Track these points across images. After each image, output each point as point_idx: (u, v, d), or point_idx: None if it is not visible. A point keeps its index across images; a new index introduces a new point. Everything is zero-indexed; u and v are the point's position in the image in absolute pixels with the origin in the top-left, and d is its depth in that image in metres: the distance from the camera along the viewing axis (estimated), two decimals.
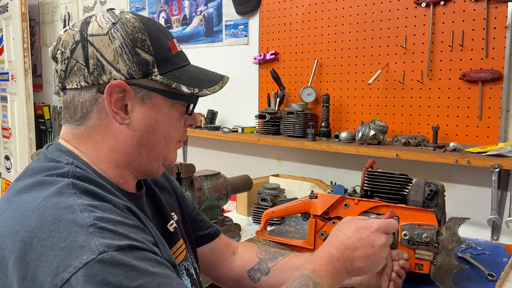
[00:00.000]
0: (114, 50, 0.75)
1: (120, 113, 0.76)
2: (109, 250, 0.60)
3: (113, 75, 0.75)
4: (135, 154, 0.80)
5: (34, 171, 0.73)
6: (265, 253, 1.10)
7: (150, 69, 0.77)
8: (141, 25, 0.78)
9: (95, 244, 0.60)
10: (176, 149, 0.87)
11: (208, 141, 2.65)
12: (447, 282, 1.12)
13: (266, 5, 2.32)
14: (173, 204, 1.00)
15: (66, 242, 0.60)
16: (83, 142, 0.79)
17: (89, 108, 0.77)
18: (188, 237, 1.02)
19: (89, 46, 0.75)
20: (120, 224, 0.66)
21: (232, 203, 2.10)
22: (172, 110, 0.81)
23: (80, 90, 0.76)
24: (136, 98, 0.77)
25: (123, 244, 0.62)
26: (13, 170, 4.05)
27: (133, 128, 0.78)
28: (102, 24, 0.77)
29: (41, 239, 0.61)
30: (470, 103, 1.72)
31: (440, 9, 1.77)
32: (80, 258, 0.59)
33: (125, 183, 0.82)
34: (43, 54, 4.14)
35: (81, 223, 0.62)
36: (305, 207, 1.34)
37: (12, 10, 3.72)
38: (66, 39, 0.78)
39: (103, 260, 0.59)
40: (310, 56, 2.17)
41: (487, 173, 1.60)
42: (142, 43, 0.76)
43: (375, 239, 0.89)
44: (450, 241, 1.13)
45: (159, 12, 2.92)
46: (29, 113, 3.71)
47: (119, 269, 0.60)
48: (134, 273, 0.61)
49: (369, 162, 1.37)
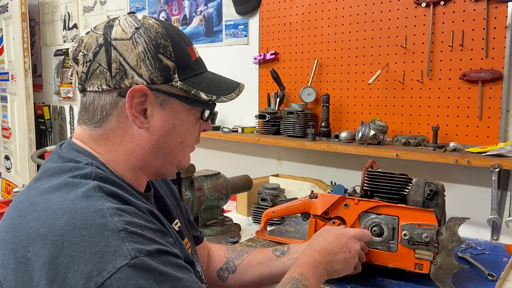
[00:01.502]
0: (137, 55, 0.76)
1: (140, 117, 0.77)
2: (141, 255, 0.63)
3: (135, 80, 0.76)
4: (151, 157, 0.81)
5: (54, 172, 0.73)
6: (232, 252, 1.14)
7: (171, 75, 0.78)
8: (163, 31, 0.79)
9: (128, 249, 0.63)
10: (189, 152, 0.89)
11: (208, 141, 2.65)
12: (447, 282, 1.12)
13: (266, 5, 2.32)
14: (172, 205, 1.01)
15: (99, 246, 0.62)
16: (100, 144, 0.79)
17: (109, 111, 0.78)
18: (189, 236, 1.03)
19: (113, 50, 0.76)
20: (146, 228, 0.69)
21: (232, 203, 2.10)
22: (188, 115, 0.82)
23: (101, 93, 0.77)
24: (155, 103, 0.78)
25: (151, 249, 0.65)
26: (13, 170, 4.05)
27: (151, 132, 0.79)
28: (126, 28, 0.77)
29: (73, 243, 0.62)
30: (470, 103, 1.72)
31: (440, 9, 1.76)
32: (113, 263, 0.61)
33: (139, 185, 0.83)
34: (43, 54, 4.14)
35: (112, 228, 0.64)
36: (305, 207, 1.34)
37: (12, 10, 3.73)
38: (89, 41, 0.78)
39: (136, 265, 0.62)
40: (310, 56, 2.17)
41: (487, 173, 1.60)
42: (165, 49, 0.77)
43: (352, 245, 1.04)
44: (450, 241, 1.13)
45: (159, 12, 2.92)
46: (29, 113, 3.72)
47: (149, 274, 0.63)
48: (162, 278, 0.64)
49: (369, 162, 1.37)
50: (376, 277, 1.22)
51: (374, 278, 1.21)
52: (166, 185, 1.06)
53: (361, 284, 1.17)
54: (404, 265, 1.17)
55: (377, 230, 1.20)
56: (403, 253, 1.17)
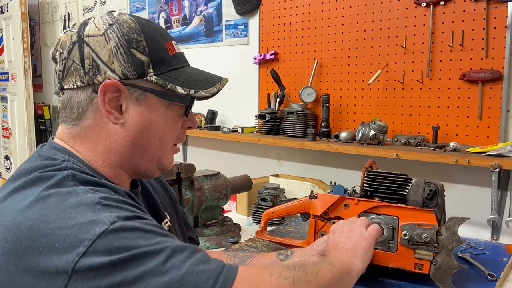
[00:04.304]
0: (109, 51, 0.76)
1: (114, 113, 0.77)
2: (119, 220, 0.62)
3: (108, 75, 0.76)
4: (129, 154, 0.80)
5: (30, 170, 0.73)
6: (233, 259, 1.11)
7: (145, 70, 0.77)
8: (137, 26, 0.78)
9: (105, 216, 0.62)
10: (172, 153, 0.87)
11: (208, 141, 2.65)
12: (447, 282, 1.12)
13: (266, 5, 2.32)
14: (166, 204, 1.01)
15: (75, 220, 0.62)
16: (78, 142, 0.79)
17: (85, 108, 0.78)
18: (182, 237, 1.02)
19: (85, 47, 0.76)
20: (123, 202, 0.69)
21: (232, 203, 2.10)
22: (168, 111, 0.81)
23: (76, 90, 0.77)
24: (130, 98, 0.77)
25: (130, 215, 0.65)
26: (13, 170, 4.05)
27: (127, 128, 0.78)
28: (99, 25, 0.77)
29: (49, 223, 0.62)
30: (470, 103, 1.72)
31: (440, 9, 1.76)
32: (92, 231, 0.60)
33: (120, 182, 0.82)
34: (43, 54, 4.14)
35: (86, 202, 0.64)
36: (305, 207, 1.34)
37: (12, 10, 3.72)
38: (64, 40, 0.79)
39: (116, 229, 0.61)
40: (310, 56, 2.17)
41: (487, 173, 1.60)
42: (138, 44, 0.77)
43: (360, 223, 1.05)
44: (450, 241, 1.13)
45: (159, 12, 2.92)
46: (29, 113, 3.71)
47: (133, 232, 0.62)
48: (148, 235, 0.63)
49: (369, 162, 1.37)
50: (376, 277, 1.22)
51: (374, 278, 1.21)
52: (161, 185, 1.05)
53: (361, 284, 1.16)
54: (404, 265, 1.17)
55: None
56: (403, 253, 1.17)
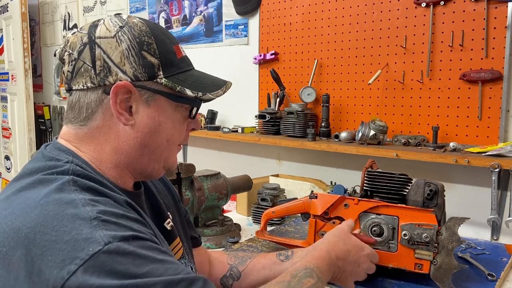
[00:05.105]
0: (121, 53, 0.76)
1: (125, 114, 0.78)
2: (114, 241, 0.61)
3: (119, 77, 0.76)
4: (136, 155, 0.81)
5: (33, 171, 0.73)
6: (234, 259, 1.12)
7: (156, 72, 0.78)
8: (147, 29, 0.79)
9: (100, 236, 0.61)
10: (176, 152, 0.88)
11: (208, 141, 2.65)
12: (447, 282, 1.12)
13: (266, 5, 2.32)
14: (168, 204, 1.01)
15: (70, 235, 0.61)
16: (85, 143, 0.79)
17: (94, 109, 0.78)
18: (185, 236, 1.03)
19: (97, 48, 0.77)
20: (122, 217, 0.67)
21: (232, 203, 2.10)
22: (175, 113, 0.82)
23: (86, 91, 0.78)
24: (140, 100, 0.78)
25: (127, 235, 0.63)
26: (13, 170, 4.05)
27: (136, 129, 0.79)
28: (110, 27, 0.78)
29: (45, 234, 0.61)
30: (470, 103, 1.72)
31: (440, 9, 1.77)
32: (86, 250, 0.59)
33: (123, 183, 0.82)
34: (43, 54, 4.14)
35: (84, 216, 0.63)
36: (305, 207, 1.34)
37: (12, 10, 3.72)
38: (74, 41, 0.79)
39: (110, 251, 0.60)
40: (310, 56, 2.17)
41: (487, 173, 1.60)
42: (149, 47, 0.78)
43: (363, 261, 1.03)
44: (450, 241, 1.13)
45: (159, 12, 2.92)
46: (29, 113, 3.72)
47: (126, 258, 0.61)
48: (141, 261, 0.62)
49: (369, 162, 1.37)
50: (376, 277, 1.22)
51: (374, 278, 1.21)
52: (164, 185, 1.06)
53: (361, 284, 1.16)
54: (404, 265, 1.17)
55: (377, 230, 1.21)
56: (403, 253, 1.17)
